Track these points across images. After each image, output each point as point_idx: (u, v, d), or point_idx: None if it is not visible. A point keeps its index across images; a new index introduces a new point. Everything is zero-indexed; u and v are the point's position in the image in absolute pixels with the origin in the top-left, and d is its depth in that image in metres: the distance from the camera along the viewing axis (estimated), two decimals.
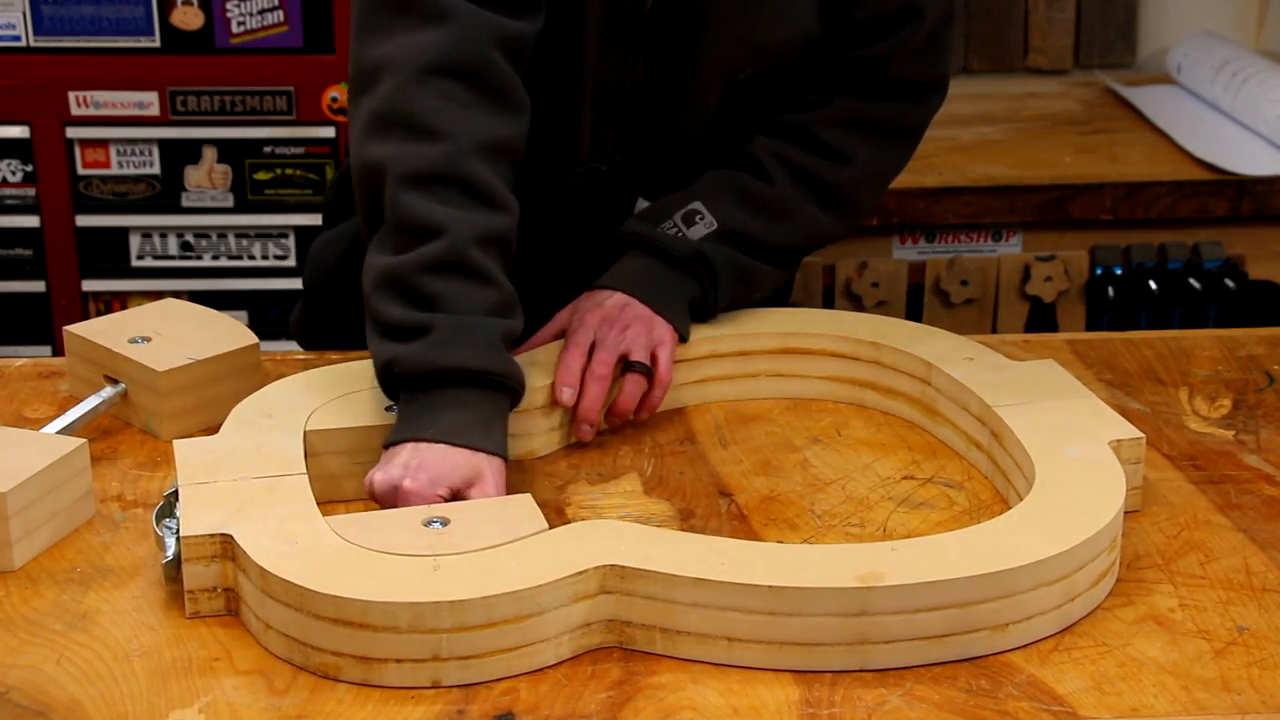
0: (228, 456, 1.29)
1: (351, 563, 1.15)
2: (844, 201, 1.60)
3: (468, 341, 1.33)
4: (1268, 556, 1.29)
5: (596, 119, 1.57)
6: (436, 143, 1.37)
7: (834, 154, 1.58)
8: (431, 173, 1.36)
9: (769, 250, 1.57)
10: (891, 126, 1.60)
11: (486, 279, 1.36)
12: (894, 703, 1.11)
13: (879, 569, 1.14)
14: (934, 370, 1.47)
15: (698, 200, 1.55)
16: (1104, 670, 1.14)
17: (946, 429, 1.46)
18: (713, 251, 1.53)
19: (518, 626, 1.12)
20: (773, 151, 1.58)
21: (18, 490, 1.25)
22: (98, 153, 2.63)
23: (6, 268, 2.66)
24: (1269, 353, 1.65)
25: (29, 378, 1.56)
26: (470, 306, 1.35)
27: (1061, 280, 2.45)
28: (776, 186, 1.56)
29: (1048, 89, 2.87)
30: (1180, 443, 1.47)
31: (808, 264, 2.40)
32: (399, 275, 1.35)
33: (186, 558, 1.18)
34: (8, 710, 1.09)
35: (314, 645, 1.13)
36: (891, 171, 1.65)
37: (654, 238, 1.54)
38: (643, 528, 1.21)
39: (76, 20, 2.57)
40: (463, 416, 1.31)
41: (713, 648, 1.14)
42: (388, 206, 1.37)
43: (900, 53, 1.56)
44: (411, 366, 1.32)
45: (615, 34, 1.51)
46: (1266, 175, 2.43)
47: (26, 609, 1.21)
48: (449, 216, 1.35)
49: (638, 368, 1.46)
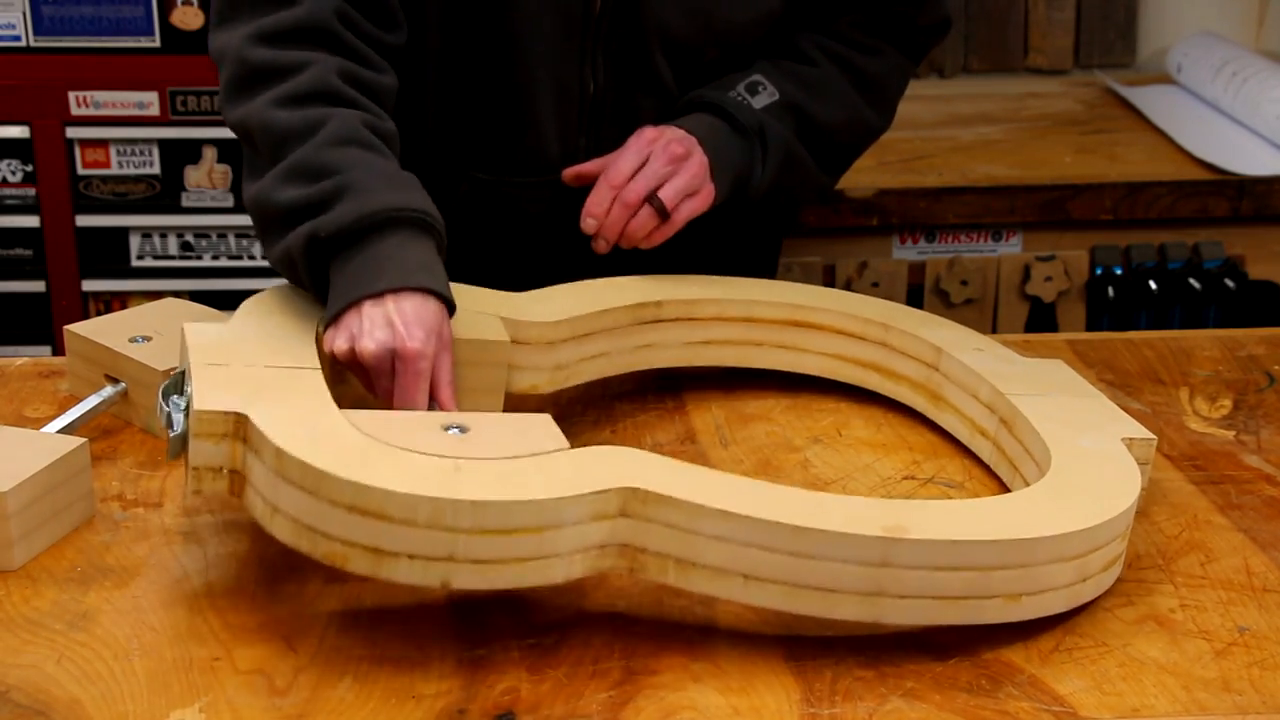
0: (240, 343, 1.26)
1: (372, 454, 1.12)
2: (878, 92, 1.68)
3: (385, 187, 1.32)
4: (1268, 557, 1.28)
5: (563, 126, 1.57)
6: (300, 73, 1.38)
7: (866, 47, 1.67)
8: (301, 93, 1.37)
9: (820, 130, 1.63)
10: (906, 38, 1.70)
11: (384, 152, 1.36)
12: (894, 703, 1.11)
13: (904, 523, 1.14)
14: (944, 356, 1.46)
15: (758, 73, 1.61)
16: (1104, 670, 1.14)
17: (951, 415, 1.45)
18: (771, 127, 1.58)
19: (535, 537, 1.10)
20: (814, 42, 1.65)
21: (18, 490, 1.25)
22: (98, 153, 2.63)
23: (6, 268, 2.66)
24: (1269, 353, 1.65)
25: (29, 377, 1.56)
26: (379, 165, 1.33)
27: (1061, 280, 2.45)
28: (821, 68, 1.64)
29: (1048, 89, 2.87)
30: (1181, 443, 1.47)
31: (808, 264, 2.40)
32: (292, 165, 1.33)
33: (195, 433, 1.15)
34: (8, 710, 1.09)
35: (325, 532, 1.10)
36: (906, 79, 1.74)
37: (722, 102, 1.58)
38: (668, 459, 1.18)
39: (76, 20, 2.57)
40: (408, 259, 1.29)
41: (728, 583, 1.13)
42: (262, 133, 1.36)
43: (923, 6, 1.67)
44: (337, 224, 1.29)
45: (567, 40, 1.52)
46: (1266, 175, 2.43)
47: (26, 609, 1.21)
48: (330, 112, 1.36)
49: (656, 203, 1.50)
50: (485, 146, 1.58)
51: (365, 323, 1.27)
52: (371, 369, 1.27)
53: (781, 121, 1.59)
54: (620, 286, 1.50)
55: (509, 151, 1.58)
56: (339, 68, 1.40)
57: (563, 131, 1.58)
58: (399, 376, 1.27)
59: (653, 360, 1.50)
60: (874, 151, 2.48)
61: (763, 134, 1.58)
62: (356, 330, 1.27)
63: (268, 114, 1.36)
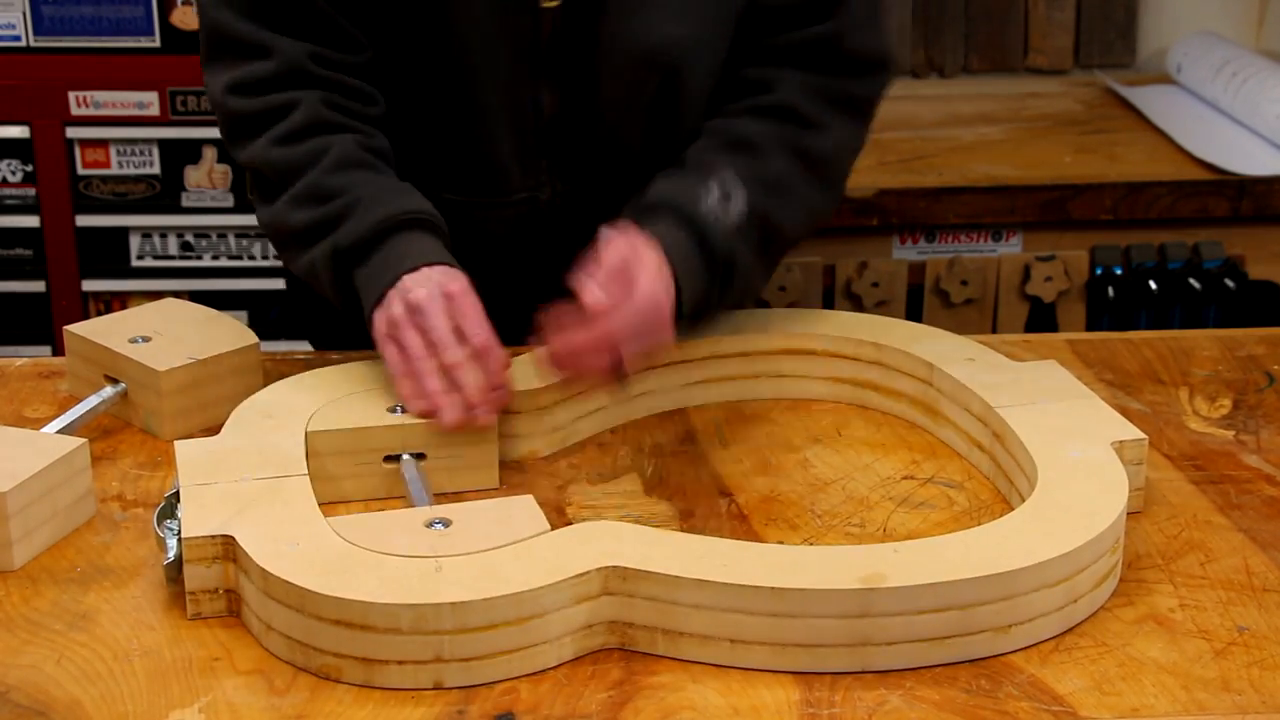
0: (229, 457, 1.29)
1: (353, 564, 1.15)
2: (829, 173, 1.57)
3: (392, 199, 1.43)
4: (1268, 556, 1.28)
5: (521, 148, 1.57)
6: (292, 111, 1.47)
7: (811, 123, 1.54)
8: (298, 130, 1.46)
9: (781, 237, 1.54)
10: (850, 99, 1.58)
11: (383, 170, 1.47)
12: (894, 703, 1.11)
13: (881, 570, 1.14)
14: (935, 371, 1.47)
15: (728, 170, 1.48)
16: (1104, 670, 1.14)
17: (948, 429, 1.46)
18: (739, 256, 1.46)
19: (520, 628, 1.12)
20: (757, 130, 1.54)
21: (18, 490, 1.25)
22: (98, 153, 2.63)
23: (6, 268, 2.66)
24: (1269, 353, 1.65)
25: (29, 378, 1.56)
26: (383, 182, 1.45)
27: (1061, 280, 2.45)
28: (774, 160, 1.52)
29: (1048, 89, 2.87)
30: (1180, 443, 1.47)
31: (808, 264, 2.40)
32: (301, 191, 1.44)
33: (188, 559, 1.18)
34: (8, 710, 1.09)
35: (315, 647, 1.13)
36: (857, 146, 1.61)
37: (696, 216, 1.44)
38: (644, 529, 1.21)
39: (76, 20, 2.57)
40: (426, 249, 1.41)
41: (715, 649, 1.14)
42: (271, 171, 1.47)
43: (850, 26, 1.55)
44: (355, 234, 1.41)
45: (518, 64, 1.52)
46: (1266, 175, 2.43)
47: (26, 609, 1.21)
48: (328, 141, 1.46)
49: (618, 370, 1.37)
50: (449, 169, 1.58)
51: (409, 283, 1.38)
52: (425, 310, 1.36)
53: (747, 240, 1.47)
54: None
55: (472, 174, 1.58)
56: (324, 99, 1.48)
57: (521, 154, 1.57)
58: (455, 313, 1.37)
59: (652, 407, 1.51)
60: (874, 151, 2.49)
61: (731, 264, 1.45)
62: (401, 292, 1.38)
63: (270, 154, 1.46)
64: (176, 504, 1.23)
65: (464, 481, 1.36)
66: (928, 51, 2.92)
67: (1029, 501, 1.25)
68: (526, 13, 1.49)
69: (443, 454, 1.35)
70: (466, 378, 1.35)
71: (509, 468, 1.40)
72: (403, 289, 1.38)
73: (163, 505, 1.24)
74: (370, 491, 1.36)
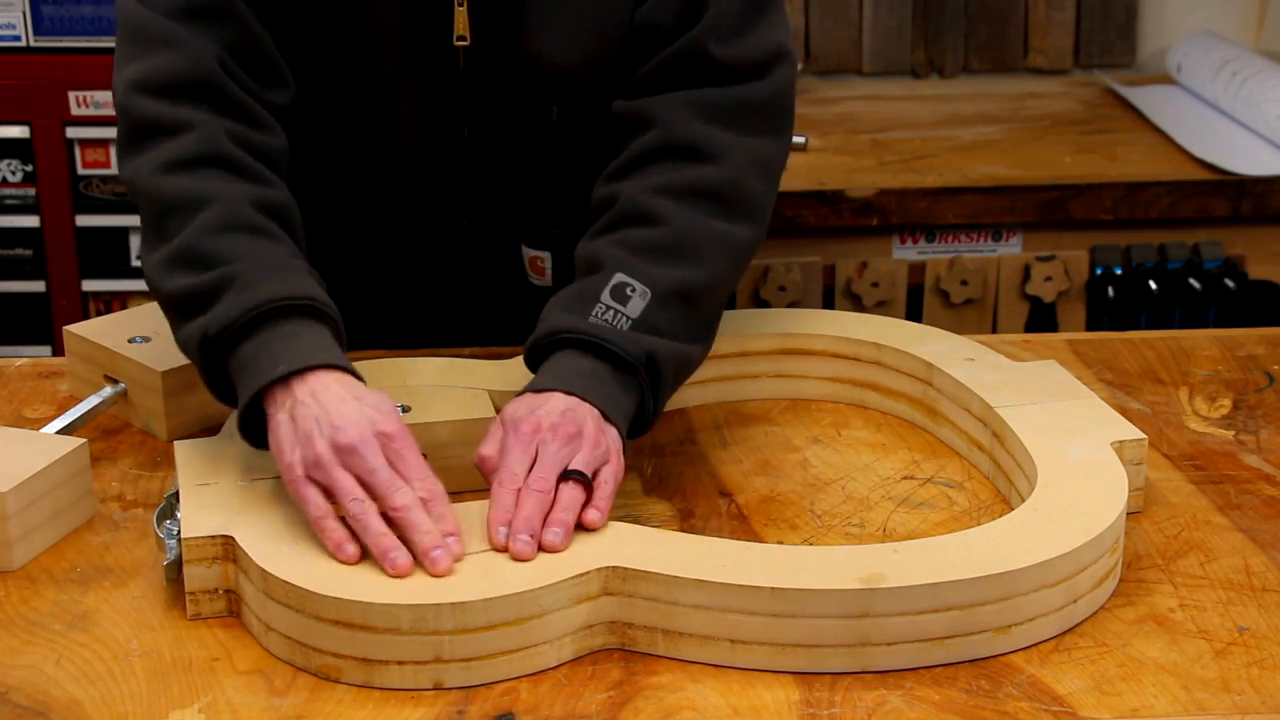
0: (229, 457, 1.29)
1: (353, 564, 1.15)
2: (737, 201, 1.42)
3: (275, 278, 1.26)
4: (1268, 556, 1.28)
5: (437, 177, 1.56)
6: (186, 133, 1.33)
7: (695, 153, 1.42)
8: (188, 157, 1.32)
9: (705, 294, 1.38)
10: (741, 107, 1.45)
11: (274, 236, 1.31)
12: (894, 703, 1.11)
13: (880, 570, 1.14)
14: (935, 371, 1.47)
15: (618, 272, 1.35)
16: (1104, 670, 1.14)
17: (948, 429, 1.46)
18: (659, 348, 1.32)
19: (519, 628, 1.12)
20: (643, 189, 1.41)
21: (18, 490, 1.25)
22: (98, 153, 2.63)
23: (6, 268, 2.66)
24: (1269, 353, 1.65)
25: (29, 378, 1.56)
26: (265, 255, 1.28)
27: (1061, 280, 2.45)
28: (671, 222, 1.38)
29: (1048, 89, 2.87)
30: (1180, 443, 1.47)
31: (808, 264, 2.40)
32: (180, 250, 1.28)
33: (188, 560, 1.18)
34: (8, 710, 1.09)
35: (315, 647, 1.13)
36: (772, 155, 1.47)
37: (591, 333, 1.31)
38: (644, 529, 1.21)
39: (76, 20, 2.57)
40: (304, 343, 1.24)
41: (715, 649, 1.14)
42: (148, 201, 1.32)
43: (715, 33, 1.44)
44: (225, 320, 1.24)
45: (435, 94, 1.50)
46: (1266, 175, 2.43)
47: (26, 609, 1.21)
48: (215, 188, 1.31)
49: (575, 475, 1.23)
50: (372, 201, 1.57)
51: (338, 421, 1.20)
52: (360, 452, 1.19)
53: (665, 322, 1.34)
54: None
55: (395, 205, 1.57)
56: (226, 129, 1.35)
57: (444, 184, 1.56)
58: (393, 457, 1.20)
59: None
60: (874, 151, 2.49)
61: (651, 363, 1.32)
62: (328, 430, 1.19)
63: (154, 181, 1.33)
64: (176, 504, 1.23)
65: (464, 481, 1.36)
66: (928, 51, 2.92)
67: (1029, 501, 1.25)
68: (442, 50, 1.47)
69: (442, 454, 1.35)
70: (420, 521, 1.17)
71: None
72: (330, 426, 1.19)
73: (162, 505, 1.24)
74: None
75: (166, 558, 1.20)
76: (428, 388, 1.41)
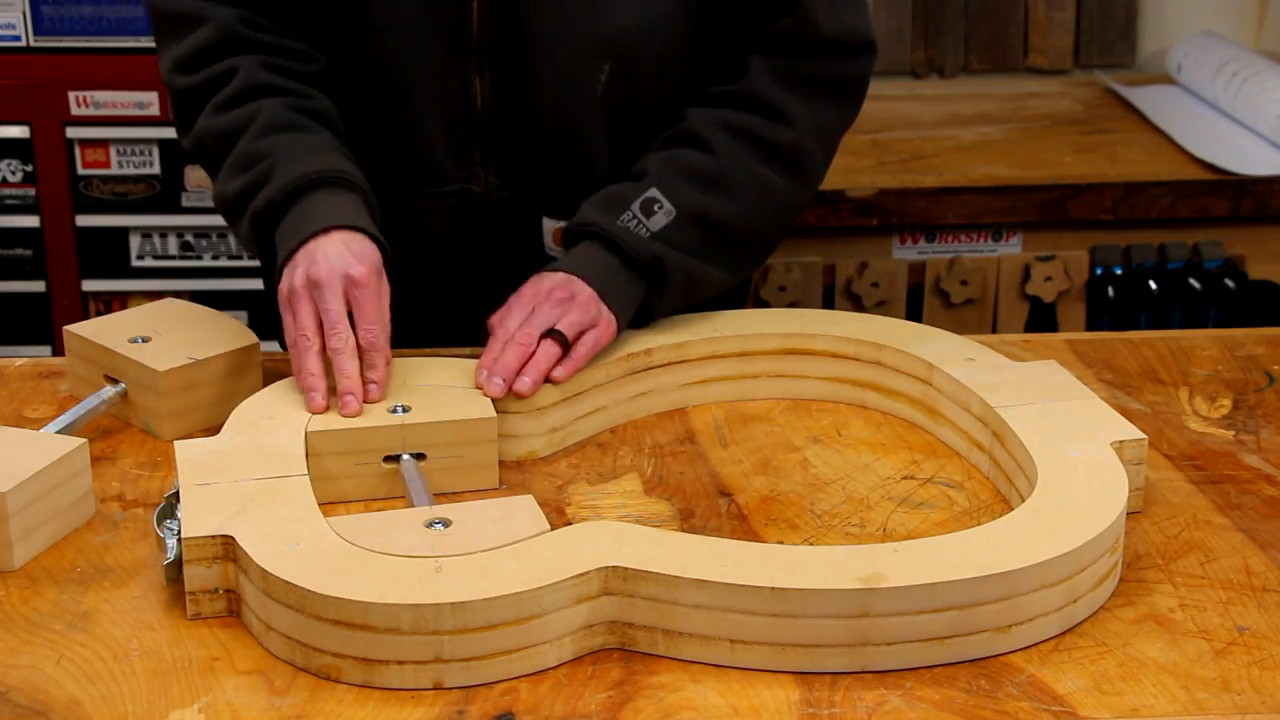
0: (229, 457, 1.29)
1: (353, 564, 1.15)
2: (792, 160, 1.57)
3: (305, 157, 1.45)
4: (1268, 556, 1.29)
5: (453, 140, 1.56)
6: (229, 80, 1.50)
7: (772, 111, 1.55)
8: (234, 94, 1.50)
9: (729, 232, 1.54)
10: (826, 79, 1.58)
11: (311, 130, 1.49)
12: (894, 703, 1.11)
13: (881, 570, 1.14)
14: (935, 371, 1.47)
15: (654, 187, 1.51)
16: (1104, 670, 1.14)
17: (948, 430, 1.46)
18: (669, 256, 1.50)
19: (519, 628, 1.12)
20: (710, 120, 1.55)
21: (18, 490, 1.25)
22: (98, 153, 2.63)
23: (6, 268, 2.66)
24: (1269, 353, 1.65)
25: (29, 378, 1.56)
26: (301, 142, 1.47)
27: (1061, 280, 2.45)
28: (722, 156, 1.53)
29: (1048, 89, 2.87)
30: (1180, 443, 1.47)
31: (808, 264, 2.40)
32: (232, 162, 1.48)
33: (188, 559, 1.18)
34: (8, 710, 1.09)
35: (315, 647, 1.13)
36: (835, 128, 1.61)
37: (613, 232, 1.50)
38: (644, 529, 1.21)
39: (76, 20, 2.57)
40: (333, 208, 1.42)
41: (715, 649, 1.14)
42: (211, 142, 1.50)
43: (814, 15, 1.55)
44: (267, 198, 1.44)
45: (449, 56, 1.52)
46: (1266, 175, 2.43)
47: (26, 609, 1.21)
48: (260, 106, 1.49)
49: (554, 334, 1.42)
50: (380, 157, 1.58)
51: (318, 254, 1.38)
52: (323, 288, 1.37)
53: (683, 240, 1.51)
54: None
55: (403, 163, 1.58)
56: (263, 62, 1.51)
57: (452, 144, 1.57)
58: (352, 300, 1.38)
59: (651, 407, 1.51)
60: (874, 151, 2.49)
61: (659, 266, 1.49)
62: (307, 261, 1.38)
63: (210, 123, 1.50)
64: (176, 504, 1.23)
65: (464, 481, 1.37)
66: (928, 51, 2.92)
67: (1029, 501, 1.25)
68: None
69: (443, 454, 1.35)
70: (344, 365, 1.37)
71: (509, 468, 1.40)
72: (309, 258, 1.39)
73: (162, 505, 1.24)
74: (370, 491, 1.36)
75: (166, 558, 1.20)
76: (428, 388, 1.41)
